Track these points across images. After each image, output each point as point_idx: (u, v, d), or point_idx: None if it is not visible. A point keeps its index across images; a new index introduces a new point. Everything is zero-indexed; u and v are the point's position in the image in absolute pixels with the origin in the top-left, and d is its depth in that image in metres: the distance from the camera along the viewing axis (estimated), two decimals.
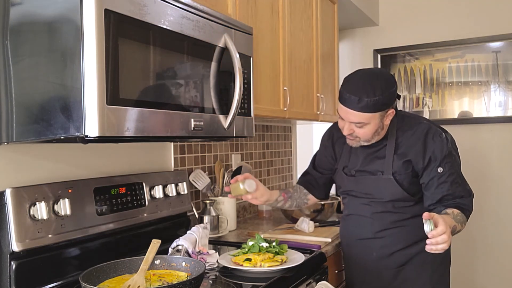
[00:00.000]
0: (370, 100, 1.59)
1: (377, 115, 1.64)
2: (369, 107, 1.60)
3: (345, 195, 1.91)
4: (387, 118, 1.69)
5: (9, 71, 1.20)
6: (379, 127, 1.69)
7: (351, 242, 1.88)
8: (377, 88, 1.60)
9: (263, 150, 2.83)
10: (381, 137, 1.75)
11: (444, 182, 1.69)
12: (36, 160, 1.42)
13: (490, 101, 3.24)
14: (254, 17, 1.96)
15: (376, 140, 1.75)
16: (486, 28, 3.23)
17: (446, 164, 1.69)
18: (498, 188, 3.24)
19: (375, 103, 1.60)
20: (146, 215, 1.68)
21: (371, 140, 1.73)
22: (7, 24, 1.21)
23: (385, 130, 1.75)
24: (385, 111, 1.65)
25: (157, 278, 1.34)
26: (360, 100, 1.59)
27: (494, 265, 3.25)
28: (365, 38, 3.68)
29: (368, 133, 1.69)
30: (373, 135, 1.71)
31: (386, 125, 1.72)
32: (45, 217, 1.31)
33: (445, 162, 1.69)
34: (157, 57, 1.26)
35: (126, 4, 1.14)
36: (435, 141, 1.70)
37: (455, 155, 1.73)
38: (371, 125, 1.66)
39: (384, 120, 1.69)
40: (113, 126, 1.10)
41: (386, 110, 1.65)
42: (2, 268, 1.27)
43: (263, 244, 1.64)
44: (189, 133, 1.36)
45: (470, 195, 1.76)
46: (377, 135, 1.72)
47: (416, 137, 1.72)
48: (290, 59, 2.26)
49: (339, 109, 1.69)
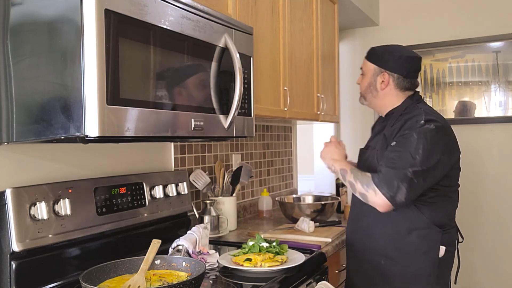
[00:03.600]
0: (373, 50, 1.87)
1: (372, 68, 1.85)
2: (370, 55, 1.88)
3: None
4: (382, 82, 1.83)
5: (9, 71, 1.20)
6: (371, 85, 1.86)
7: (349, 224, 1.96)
8: (386, 47, 1.87)
9: (263, 150, 2.83)
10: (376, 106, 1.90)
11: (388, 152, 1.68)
12: (36, 160, 1.42)
13: (490, 101, 3.24)
14: (255, 17, 1.96)
15: (369, 102, 1.92)
16: (486, 28, 3.23)
17: (399, 142, 1.67)
18: (498, 188, 3.24)
19: (375, 54, 1.86)
20: (146, 215, 1.68)
21: (367, 98, 1.91)
22: (7, 24, 1.21)
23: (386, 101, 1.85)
24: (379, 68, 1.83)
25: (158, 278, 1.34)
26: (372, 48, 1.89)
27: (494, 265, 3.25)
28: (365, 38, 3.68)
29: (362, 86, 1.90)
30: (367, 91, 1.89)
31: (380, 90, 1.84)
32: (45, 217, 1.31)
33: (400, 140, 1.67)
34: (157, 57, 1.26)
35: (126, 4, 1.14)
36: (410, 123, 1.69)
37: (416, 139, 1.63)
38: (366, 76, 1.88)
39: (378, 81, 1.84)
40: (113, 126, 1.10)
41: (381, 69, 1.83)
42: (2, 268, 1.27)
43: (263, 244, 1.64)
44: (189, 133, 1.36)
45: (391, 166, 1.63)
46: (371, 96, 1.88)
47: (403, 120, 1.74)
48: (290, 59, 2.26)
49: None
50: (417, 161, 1.60)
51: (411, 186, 1.60)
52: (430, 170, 1.63)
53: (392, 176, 1.60)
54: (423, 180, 1.62)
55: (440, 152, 1.65)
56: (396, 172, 1.60)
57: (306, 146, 4.13)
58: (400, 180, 1.59)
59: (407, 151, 1.62)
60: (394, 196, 1.59)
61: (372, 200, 1.65)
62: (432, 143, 1.64)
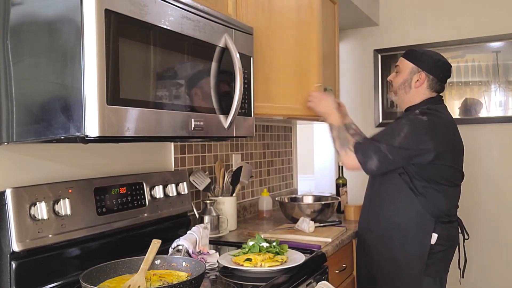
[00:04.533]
0: (413, 51, 2.00)
1: (410, 67, 1.96)
2: (409, 55, 1.99)
3: None
4: (417, 81, 1.95)
5: (9, 71, 1.20)
6: (406, 81, 1.97)
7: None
8: (426, 51, 2.00)
9: (263, 150, 2.83)
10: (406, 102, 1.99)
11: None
12: (36, 160, 1.42)
13: (490, 101, 3.24)
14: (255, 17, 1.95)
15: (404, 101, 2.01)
16: (487, 28, 3.22)
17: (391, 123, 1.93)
18: (498, 188, 3.24)
19: (414, 54, 1.98)
20: (146, 215, 1.68)
21: (398, 93, 2.01)
22: (7, 24, 1.21)
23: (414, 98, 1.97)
24: (418, 68, 1.95)
25: (158, 278, 1.34)
26: (412, 50, 2.02)
27: (494, 265, 3.25)
28: (365, 38, 3.68)
29: (398, 81, 2.00)
30: (400, 87, 1.99)
31: (415, 88, 1.96)
32: (45, 217, 1.31)
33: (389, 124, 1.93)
34: (157, 57, 1.26)
35: (127, 4, 1.14)
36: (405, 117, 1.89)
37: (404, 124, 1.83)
38: (402, 74, 1.99)
39: (414, 79, 1.95)
40: (113, 126, 1.10)
41: (418, 69, 1.94)
42: (2, 268, 1.27)
43: (263, 244, 1.64)
44: (189, 133, 1.36)
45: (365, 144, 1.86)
46: (403, 92, 1.99)
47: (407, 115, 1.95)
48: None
49: None
50: (396, 140, 1.80)
51: (383, 159, 1.81)
52: (407, 151, 1.80)
53: (369, 146, 1.83)
54: (397, 157, 1.80)
55: (425, 142, 1.80)
56: (373, 144, 1.83)
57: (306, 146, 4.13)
58: (374, 152, 1.81)
59: (392, 130, 1.85)
60: (365, 163, 1.83)
61: (343, 158, 1.90)
62: (418, 130, 1.81)
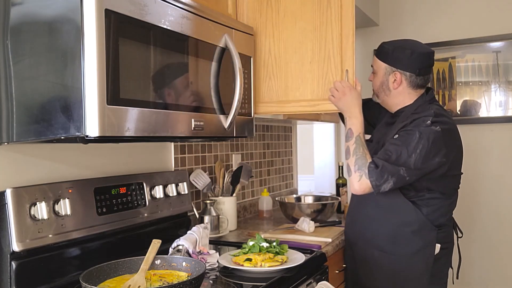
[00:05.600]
0: (383, 48, 1.81)
1: (383, 67, 1.80)
2: (380, 53, 1.81)
3: None
4: (394, 82, 1.78)
5: (9, 71, 1.20)
6: (384, 84, 1.81)
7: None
8: (396, 43, 1.81)
9: (263, 150, 2.83)
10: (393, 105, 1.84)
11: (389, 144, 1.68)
12: (36, 160, 1.42)
13: (490, 101, 3.24)
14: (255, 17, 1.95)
15: (382, 101, 1.87)
16: (487, 28, 3.22)
17: (401, 137, 1.67)
18: (498, 188, 3.23)
19: (385, 51, 1.79)
20: (146, 215, 1.68)
21: (379, 97, 1.86)
22: (7, 24, 1.20)
23: (399, 99, 1.81)
24: (390, 67, 1.78)
25: (158, 278, 1.34)
26: (382, 46, 1.83)
27: (494, 265, 3.25)
28: (365, 38, 3.68)
29: (375, 84, 1.85)
30: (379, 90, 1.84)
31: (393, 89, 1.80)
32: (45, 217, 1.31)
33: (402, 135, 1.68)
34: (157, 57, 1.26)
35: (127, 4, 1.14)
36: (415, 122, 1.69)
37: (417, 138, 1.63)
38: (378, 75, 1.82)
39: (390, 80, 1.79)
40: (113, 126, 1.10)
41: (392, 68, 1.78)
42: (2, 268, 1.26)
43: (263, 244, 1.64)
44: (189, 133, 1.36)
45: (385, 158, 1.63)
46: (384, 95, 1.83)
47: (410, 120, 1.72)
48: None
49: None
50: (412, 160, 1.62)
51: (399, 181, 1.63)
52: (423, 170, 1.65)
53: (387, 168, 1.61)
54: (414, 177, 1.65)
55: (441, 155, 1.65)
56: (389, 166, 1.61)
57: (306, 146, 4.13)
58: (391, 175, 1.61)
59: (405, 147, 1.63)
60: (380, 185, 1.62)
61: (353, 181, 1.66)
62: (433, 145, 1.63)
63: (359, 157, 1.66)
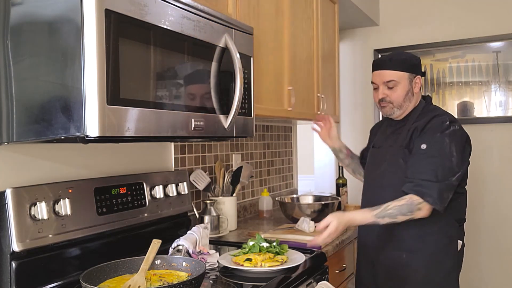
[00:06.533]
0: (399, 59, 1.85)
1: (406, 76, 1.84)
2: (399, 64, 1.84)
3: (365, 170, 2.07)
4: (416, 85, 1.87)
5: (9, 71, 1.20)
6: (409, 91, 1.86)
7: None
8: (404, 54, 1.89)
9: (263, 150, 2.83)
10: (409, 109, 1.89)
11: (420, 159, 1.73)
12: (36, 160, 1.42)
13: (490, 101, 3.24)
14: (257, 17, 1.96)
15: (407, 110, 1.89)
16: (487, 28, 3.23)
17: (432, 146, 1.72)
18: (499, 188, 3.24)
19: (404, 62, 1.84)
20: (146, 215, 1.68)
21: (403, 106, 1.87)
22: (7, 24, 1.20)
23: (415, 102, 1.89)
24: (413, 74, 1.86)
25: (158, 278, 1.34)
26: (391, 59, 1.85)
27: (494, 265, 3.25)
28: (365, 38, 3.68)
29: (400, 95, 1.85)
30: (405, 99, 1.86)
31: (415, 93, 1.88)
32: (45, 217, 1.31)
33: (432, 143, 1.73)
34: (157, 57, 1.26)
35: (127, 4, 1.14)
36: (436, 123, 1.77)
37: (448, 144, 1.72)
38: (402, 85, 1.84)
39: (413, 85, 1.86)
40: (113, 126, 1.10)
41: (414, 75, 1.86)
42: (2, 268, 1.26)
43: (263, 244, 1.64)
44: (189, 133, 1.36)
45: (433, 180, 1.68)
46: (408, 101, 1.87)
47: (426, 118, 1.81)
48: (291, 59, 2.26)
49: (373, 78, 1.90)
50: (455, 167, 1.71)
51: (454, 188, 1.72)
52: (464, 168, 1.77)
53: (442, 190, 1.68)
54: (460, 178, 1.75)
55: (468, 153, 1.79)
56: (443, 185, 1.68)
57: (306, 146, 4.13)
58: (449, 191, 1.70)
59: (445, 158, 1.70)
60: (444, 205, 1.69)
61: (420, 216, 1.70)
62: (462, 145, 1.75)
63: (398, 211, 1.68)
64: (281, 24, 2.17)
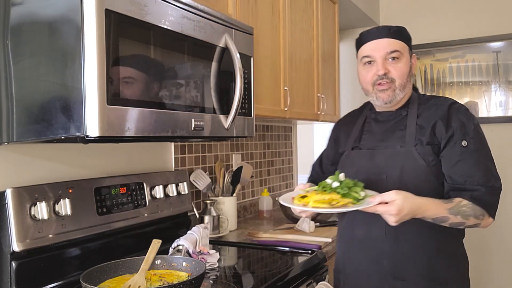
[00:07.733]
0: (398, 29, 1.49)
1: (407, 49, 1.50)
2: (400, 34, 1.48)
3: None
4: (413, 65, 1.53)
5: (9, 71, 1.20)
6: (409, 71, 1.50)
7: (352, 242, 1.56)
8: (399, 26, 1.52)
9: (263, 150, 2.83)
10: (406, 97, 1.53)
11: (466, 159, 1.43)
12: (36, 160, 1.42)
13: (490, 101, 3.24)
14: (255, 17, 1.96)
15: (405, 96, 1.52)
16: (487, 28, 3.23)
17: (471, 139, 1.44)
18: None
19: (403, 32, 1.50)
20: (146, 215, 1.68)
21: (405, 88, 1.48)
22: (7, 24, 1.21)
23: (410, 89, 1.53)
24: (411, 51, 1.53)
25: (158, 278, 1.34)
26: (390, 28, 1.49)
27: (494, 265, 3.25)
28: None
29: (404, 70, 1.47)
30: (408, 78, 1.49)
31: (413, 74, 1.54)
32: (45, 217, 1.31)
33: (471, 136, 1.44)
34: (157, 57, 1.26)
35: (127, 4, 1.14)
36: (460, 112, 1.46)
37: (482, 135, 1.48)
38: (405, 60, 1.48)
39: (412, 64, 1.52)
40: (113, 126, 1.10)
41: (411, 52, 1.53)
42: (2, 268, 1.27)
43: (328, 181, 1.37)
44: (189, 133, 1.36)
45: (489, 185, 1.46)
46: (408, 84, 1.50)
47: (438, 107, 1.48)
48: (290, 59, 2.26)
49: (365, 50, 1.53)
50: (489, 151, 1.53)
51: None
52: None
53: (497, 196, 1.50)
54: None
55: None
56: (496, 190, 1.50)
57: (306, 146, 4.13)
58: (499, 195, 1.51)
59: (489, 160, 1.52)
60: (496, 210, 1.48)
61: (484, 226, 1.49)
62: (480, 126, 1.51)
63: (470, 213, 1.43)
64: (277, 24, 2.16)
